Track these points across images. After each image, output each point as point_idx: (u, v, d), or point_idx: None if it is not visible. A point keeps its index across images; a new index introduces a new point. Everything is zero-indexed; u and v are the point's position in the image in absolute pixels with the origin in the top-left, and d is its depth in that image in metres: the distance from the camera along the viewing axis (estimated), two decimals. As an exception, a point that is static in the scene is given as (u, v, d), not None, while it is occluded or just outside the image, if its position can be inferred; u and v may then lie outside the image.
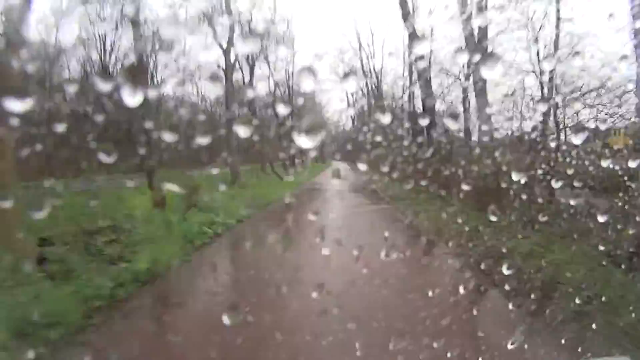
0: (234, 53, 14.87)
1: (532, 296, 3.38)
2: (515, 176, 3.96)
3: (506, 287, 3.56)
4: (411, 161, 5.40)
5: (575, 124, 7.68)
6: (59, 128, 1.75)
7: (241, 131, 1.29)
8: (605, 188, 5.30)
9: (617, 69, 7.19)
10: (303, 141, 1.14)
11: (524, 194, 5.40)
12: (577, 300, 3.25)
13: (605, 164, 4.49)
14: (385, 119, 1.62)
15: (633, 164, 2.80)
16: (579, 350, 2.57)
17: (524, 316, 3.22)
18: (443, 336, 2.42)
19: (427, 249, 5.31)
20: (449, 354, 2.28)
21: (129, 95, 1.04)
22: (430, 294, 3.06)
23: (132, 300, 4.36)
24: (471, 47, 8.94)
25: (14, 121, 1.19)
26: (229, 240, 7.47)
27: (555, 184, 4.11)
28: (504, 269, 2.83)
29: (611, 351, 2.79)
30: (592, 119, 7.53)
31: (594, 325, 2.92)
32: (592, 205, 4.86)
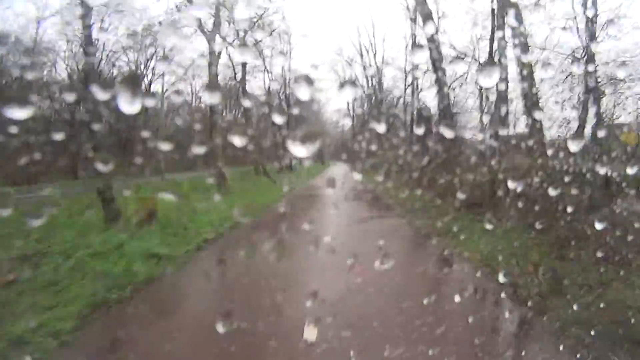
0: (219, 40, 14.28)
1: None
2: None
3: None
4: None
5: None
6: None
7: (235, 138, 1.24)
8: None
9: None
10: (298, 150, 1.10)
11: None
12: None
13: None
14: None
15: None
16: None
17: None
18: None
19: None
20: None
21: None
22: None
23: None
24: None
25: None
26: (160, 297, 4.30)
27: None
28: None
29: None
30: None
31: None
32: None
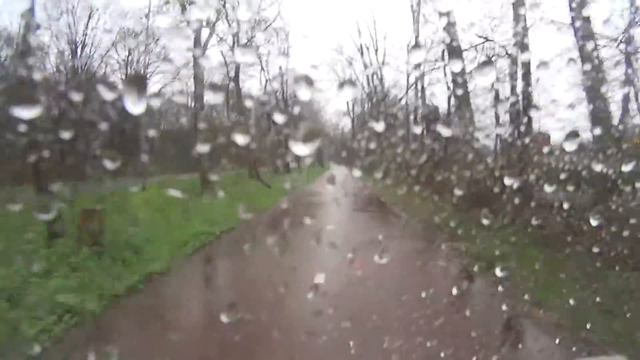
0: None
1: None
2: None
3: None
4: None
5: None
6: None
7: (224, 139, 1.23)
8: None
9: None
10: (299, 148, 1.09)
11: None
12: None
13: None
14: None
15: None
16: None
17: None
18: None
19: None
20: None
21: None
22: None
23: None
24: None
25: None
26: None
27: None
28: None
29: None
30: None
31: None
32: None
